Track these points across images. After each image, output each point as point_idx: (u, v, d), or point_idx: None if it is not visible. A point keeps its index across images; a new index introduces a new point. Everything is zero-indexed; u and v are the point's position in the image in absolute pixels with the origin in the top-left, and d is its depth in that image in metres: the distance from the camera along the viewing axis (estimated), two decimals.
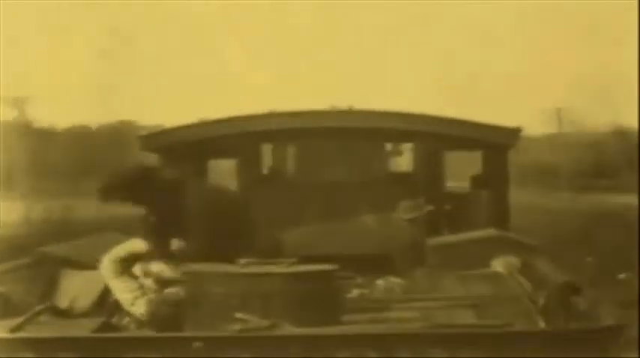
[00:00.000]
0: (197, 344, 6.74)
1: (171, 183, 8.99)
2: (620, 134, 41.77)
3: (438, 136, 11.57)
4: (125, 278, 8.27)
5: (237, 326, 6.91)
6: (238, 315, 7.02)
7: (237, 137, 11.59)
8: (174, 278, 8.09)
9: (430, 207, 10.67)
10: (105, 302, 8.42)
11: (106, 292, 8.48)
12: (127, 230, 9.64)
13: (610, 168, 40.10)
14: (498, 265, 9.07)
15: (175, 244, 8.63)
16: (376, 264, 9.59)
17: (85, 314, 8.29)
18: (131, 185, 8.81)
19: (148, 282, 8.27)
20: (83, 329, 7.59)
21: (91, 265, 8.73)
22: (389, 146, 12.89)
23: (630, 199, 24.79)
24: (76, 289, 8.52)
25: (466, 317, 7.61)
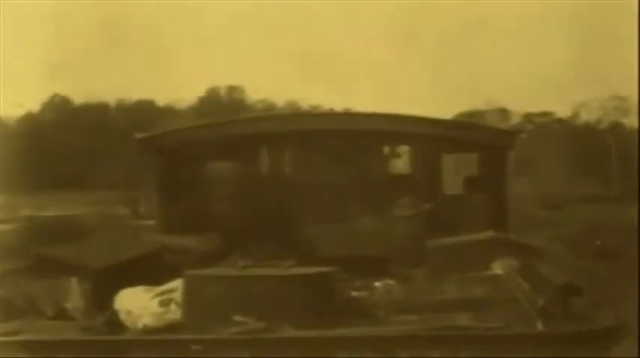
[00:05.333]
0: (195, 347, 6.73)
1: None
2: None
3: (435, 138, 11.56)
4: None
5: (235, 328, 6.90)
6: (236, 317, 7.00)
7: (235, 139, 11.57)
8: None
9: (428, 206, 10.66)
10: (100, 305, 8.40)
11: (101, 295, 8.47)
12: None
13: None
14: (498, 267, 9.05)
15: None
16: (374, 266, 9.57)
17: (84, 316, 8.27)
18: None
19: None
20: (82, 331, 7.57)
21: (90, 268, 8.72)
22: (387, 148, 12.87)
23: None
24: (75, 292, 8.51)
25: (465, 320, 7.59)
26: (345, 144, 11.63)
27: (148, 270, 8.84)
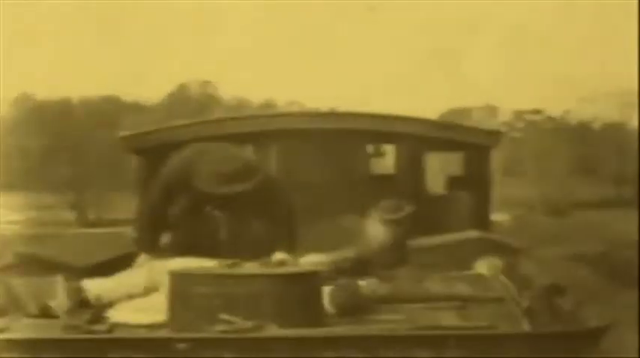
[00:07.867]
0: (182, 345, 6.72)
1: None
2: None
3: (419, 138, 11.60)
4: None
5: (221, 327, 6.90)
6: (223, 316, 7.00)
7: (218, 139, 11.55)
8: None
9: (412, 208, 10.69)
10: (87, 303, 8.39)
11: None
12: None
13: None
14: (481, 267, 9.10)
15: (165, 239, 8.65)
16: (357, 266, 9.60)
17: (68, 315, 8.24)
18: None
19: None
20: (66, 329, 7.53)
21: (77, 267, 8.70)
22: (371, 147, 12.90)
23: None
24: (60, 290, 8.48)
25: (450, 319, 7.61)
26: (328, 143, 11.64)
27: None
